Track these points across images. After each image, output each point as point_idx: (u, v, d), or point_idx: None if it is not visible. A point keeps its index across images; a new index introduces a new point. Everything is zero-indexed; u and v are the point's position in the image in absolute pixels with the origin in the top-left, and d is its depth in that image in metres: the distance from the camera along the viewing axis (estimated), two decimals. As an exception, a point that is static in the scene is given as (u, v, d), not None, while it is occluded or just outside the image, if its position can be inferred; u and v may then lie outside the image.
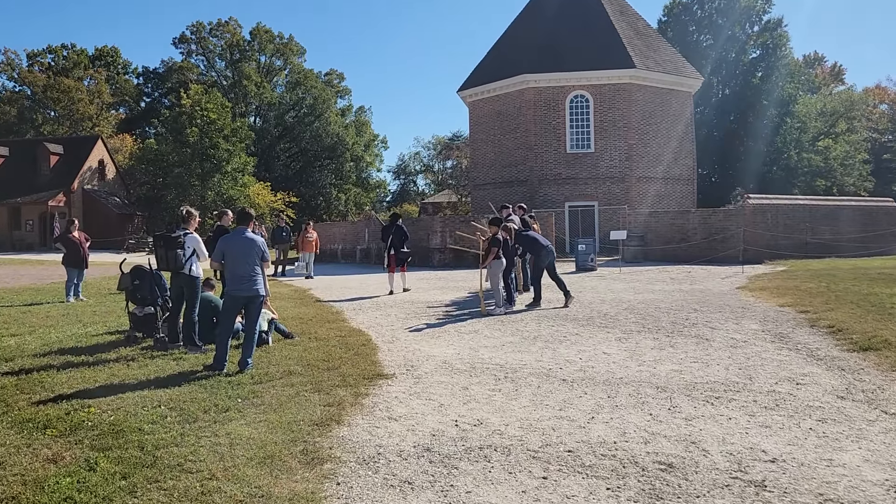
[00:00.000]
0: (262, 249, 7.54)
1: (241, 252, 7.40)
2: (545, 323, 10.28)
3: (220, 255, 7.49)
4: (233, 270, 7.41)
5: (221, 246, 7.49)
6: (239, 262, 7.39)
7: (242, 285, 7.36)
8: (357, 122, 72.59)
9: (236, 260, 7.40)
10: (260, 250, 7.52)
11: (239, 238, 7.49)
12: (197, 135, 48.63)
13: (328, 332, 9.61)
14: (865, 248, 24.78)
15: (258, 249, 7.50)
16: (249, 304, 7.49)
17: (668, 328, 9.52)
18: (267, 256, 7.66)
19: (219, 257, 7.50)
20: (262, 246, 7.57)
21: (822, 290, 13.55)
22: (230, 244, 7.47)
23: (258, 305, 7.54)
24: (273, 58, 71.35)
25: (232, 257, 7.42)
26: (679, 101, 31.81)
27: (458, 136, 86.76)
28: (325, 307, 12.92)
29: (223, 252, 7.46)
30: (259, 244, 7.52)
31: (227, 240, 7.58)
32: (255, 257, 7.47)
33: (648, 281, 17.02)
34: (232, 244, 7.46)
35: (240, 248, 7.42)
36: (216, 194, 47.96)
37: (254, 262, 7.44)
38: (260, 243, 7.54)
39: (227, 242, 7.51)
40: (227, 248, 7.46)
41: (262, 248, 7.56)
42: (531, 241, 12.42)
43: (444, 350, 8.41)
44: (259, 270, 7.53)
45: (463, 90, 33.20)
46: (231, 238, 7.57)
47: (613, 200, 29.85)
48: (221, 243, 7.52)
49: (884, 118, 77.21)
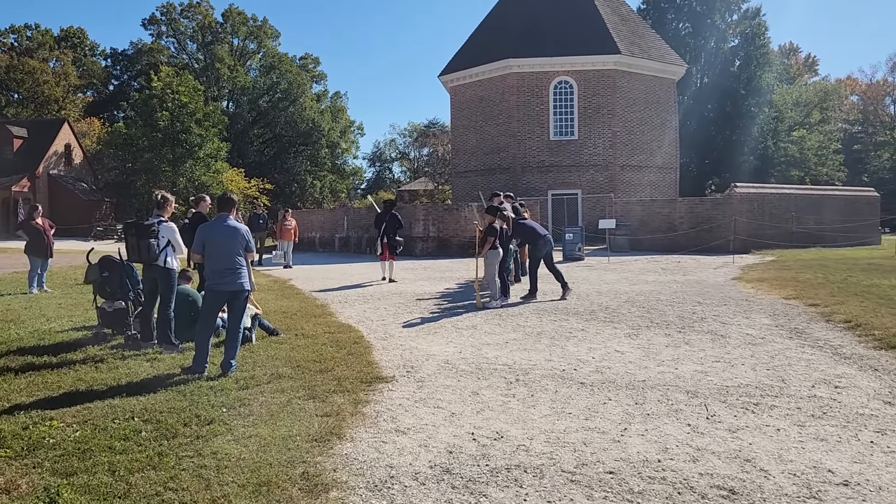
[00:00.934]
0: (246, 239, 6.84)
1: (224, 242, 6.69)
2: (546, 317, 9.70)
3: (200, 246, 6.76)
4: (215, 263, 6.69)
5: (202, 235, 6.76)
6: (222, 253, 6.68)
7: (225, 279, 6.66)
8: (333, 108, 71.22)
9: (219, 251, 6.68)
10: (244, 240, 6.81)
11: (221, 226, 6.77)
12: (168, 119, 47.17)
13: (316, 328, 8.92)
14: (848, 237, 24.66)
15: (242, 239, 6.79)
16: (233, 299, 6.78)
17: (677, 323, 9.00)
18: (252, 247, 6.96)
19: (199, 248, 6.77)
20: (247, 235, 6.87)
21: (821, 281, 13.18)
22: (212, 233, 6.74)
23: (243, 301, 6.84)
24: (246, 41, 69.69)
25: (214, 248, 6.70)
26: (663, 88, 31.44)
27: (434, 124, 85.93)
28: (308, 299, 12.21)
29: (203, 242, 6.74)
30: (244, 233, 6.82)
31: (207, 228, 6.85)
32: (240, 247, 6.76)
33: (640, 271, 16.56)
34: (214, 233, 6.74)
35: (222, 237, 6.70)
36: (188, 180, 46.61)
37: (238, 253, 6.74)
38: (244, 232, 6.84)
39: (208, 231, 6.79)
40: (208, 237, 6.73)
41: (247, 237, 6.86)
42: (529, 230, 11.82)
43: (443, 348, 7.79)
44: (244, 262, 6.83)
45: (444, 75, 32.47)
46: (212, 226, 6.84)
47: (597, 189, 29.44)
48: (202, 232, 6.79)
49: (854, 109, 78.01)
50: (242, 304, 6.82)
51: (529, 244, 12.02)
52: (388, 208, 15.79)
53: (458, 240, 23.94)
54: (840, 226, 24.64)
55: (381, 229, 15.31)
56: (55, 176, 47.85)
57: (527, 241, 12.08)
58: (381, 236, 15.27)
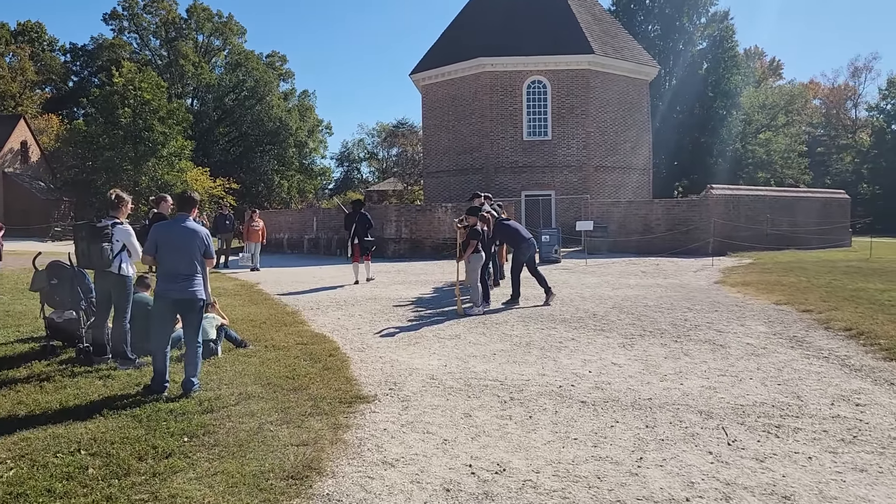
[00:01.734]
0: (205, 243, 6.18)
1: (180, 244, 6.03)
2: (533, 325, 9.18)
3: (152, 247, 6.08)
4: (167, 266, 6.03)
5: (155, 235, 6.09)
6: (175, 256, 6.01)
7: (176, 286, 5.99)
8: (300, 107, 70.20)
9: (172, 254, 6.02)
10: (203, 244, 6.15)
11: (177, 227, 6.10)
12: (130, 116, 45.84)
13: (287, 339, 8.27)
14: (820, 239, 24.67)
15: (200, 243, 6.13)
16: (186, 310, 6.11)
17: (671, 331, 8.54)
18: (211, 252, 6.30)
19: (151, 249, 6.09)
20: (206, 239, 6.21)
21: (806, 285, 12.90)
22: (166, 234, 6.08)
23: (198, 312, 6.16)
24: (211, 37, 68.34)
25: (167, 250, 6.03)
26: (636, 89, 31.24)
27: (403, 123, 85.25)
28: (278, 305, 11.53)
29: (157, 243, 6.07)
30: (202, 236, 6.15)
31: (162, 229, 6.16)
32: (196, 252, 6.10)
33: (620, 274, 16.18)
34: (168, 234, 6.08)
35: (178, 239, 6.04)
36: (150, 179, 45.32)
37: (194, 259, 6.08)
38: (203, 236, 6.17)
39: (162, 231, 6.11)
40: (161, 238, 6.06)
41: (206, 241, 6.20)
42: (512, 232, 11.29)
43: (426, 361, 7.21)
44: (200, 269, 6.17)
45: (416, 73, 31.85)
46: (168, 227, 6.18)
47: (570, 190, 29.10)
48: (156, 232, 6.11)
49: (817, 113, 79.33)
50: (197, 317, 6.15)
51: (512, 247, 11.49)
52: (357, 209, 15.34)
53: (431, 241, 23.38)
54: (813, 228, 24.64)
55: (351, 231, 14.90)
56: (10, 174, 46.12)
57: (510, 243, 11.54)
58: (351, 238, 14.86)
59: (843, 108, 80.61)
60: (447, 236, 23.59)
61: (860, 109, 78.70)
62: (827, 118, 77.42)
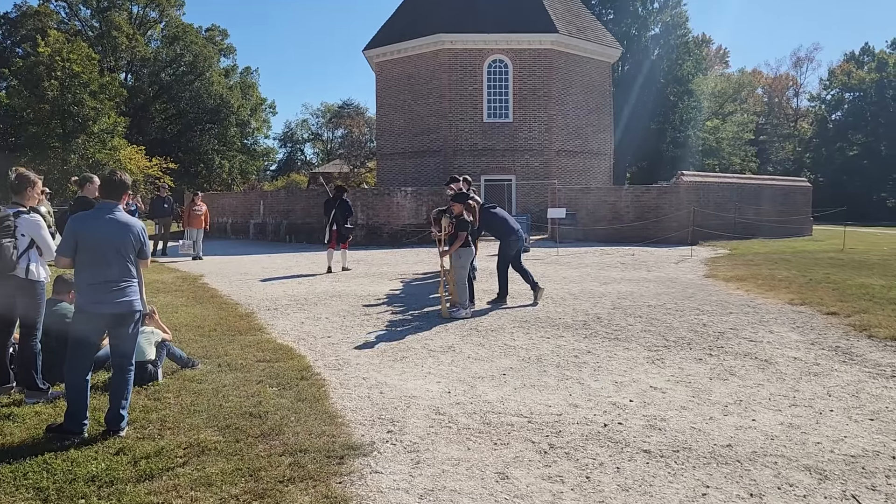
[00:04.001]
0: (140, 240, 4.68)
1: (107, 242, 4.52)
2: (535, 332, 7.89)
3: (70, 247, 4.53)
4: (90, 272, 4.52)
5: (74, 230, 4.54)
6: (101, 258, 4.51)
7: (105, 296, 4.49)
8: (243, 84, 66.93)
9: (97, 255, 4.51)
10: (138, 241, 4.66)
11: (103, 220, 4.57)
12: (57, 89, 42.48)
13: (244, 353, 6.76)
14: (784, 228, 24.25)
15: (136, 239, 4.64)
16: (117, 326, 4.61)
17: (698, 341, 7.38)
18: (147, 251, 4.80)
19: (68, 249, 4.54)
20: (142, 234, 4.70)
21: (805, 280, 12.02)
22: (88, 228, 4.54)
23: (133, 327, 4.66)
24: (147, 9, 64.33)
25: (90, 250, 4.51)
26: (599, 71, 30.27)
27: (349, 104, 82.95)
28: (228, 305, 9.94)
29: (76, 240, 4.52)
30: (137, 231, 4.65)
31: (83, 221, 4.61)
32: (129, 252, 4.61)
33: (598, 266, 15.08)
34: (91, 229, 4.54)
35: (104, 235, 4.53)
36: (80, 158, 42.20)
37: (126, 260, 4.58)
38: (139, 230, 4.67)
39: (83, 225, 4.57)
40: (82, 233, 4.53)
41: (141, 236, 4.70)
42: (500, 221, 9.96)
43: (423, 385, 5.83)
44: (134, 273, 4.66)
45: (370, 49, 30.08)
46: (91, 219, 4.62)
47: (532, 175, 27.96)
48: (73, 227, 4.56)
49: (759, 101, 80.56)
50: (131, 334, 4.66)
51: (499, 238, 10.16)
52: (339, 194, 14.69)
53: (389, 228, 21.90)
54: (777, 217, 24.18)
55: (330, 216, 14.40)
56: (-78, 150, 42.31)
57: (496, 234, 10.21)
58: (330, 223, 14.37)
59: (785, 98, 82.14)
60: (406, 223, 22.17)
61: (801, 99, 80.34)
62: (769, 107, 78.65)
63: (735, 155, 62.82)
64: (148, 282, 12.47)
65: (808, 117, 76.79)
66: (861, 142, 63.68)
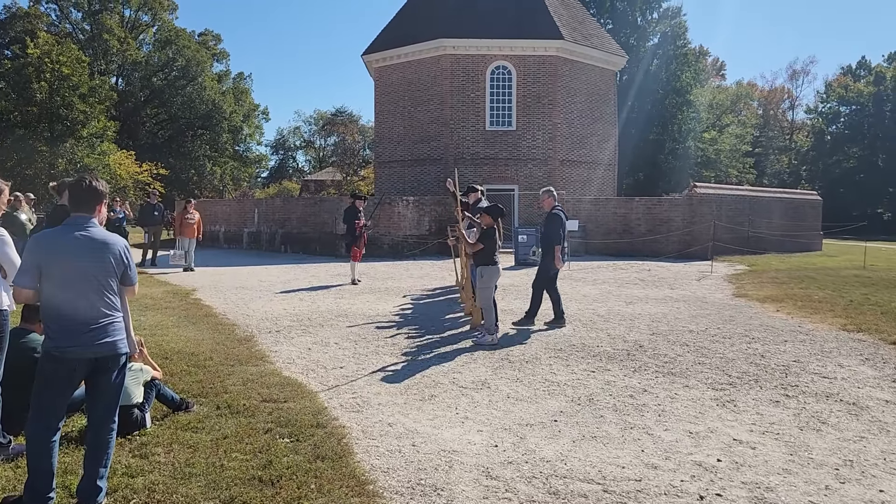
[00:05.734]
0: (124, 262, 3.71)
1: (79, 268, 3.54)
2: (575, 364, 6.96)
3: (30, 275, 3.55)
4: (59, 307, 3.54)
5: (35, 252, 3.56)
6: (72, 288, 3.53)
7: (80, 337, 3.52)
8: (236, 90, 65.90)
9: (67, 285, 3.53)
10: (120, 263, 3.69)
11: (71, 239, 3.57)
12: (46, 92, 41.44)
13: (247, 391, 5.80)
14: (795, 242, 23.54)
15: (116, 262, 3.66)
16: (98, 374, 3.63)
17: (765, 377, 6.47)
18: (133, 276, 3.81)
19: (29, 279, 3.55)
20: (124, 254, 3.72)
21: (845, 302, 11.22)
22: (53, 251, 3.55)
23: (118, 375, 3.69)
24: (139, 12, 63.33)
25: (58, 279, 3.53)
26: (605, 79, 29.52)
27: (342, 112, 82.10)
28: (224, 326, 8.96)
29: (38, 265, 3.54)
30: (118, 251, 3.67)
31: (46, 242, 3.61)
32: (109, 278, 3.63)
33: (616, 282, 14.20)
34: (58, 251, 3.55)
35: (75, 259, 3.54)
36: (68, 162, 41.05)
37: (105, 290, 3.61)
38: (120, 249, 3.68)
39: (46, 247, 3.57)
40: (46, 258, 3.54)
41: (124, 258, 3.71)
42: (557, 230, 8.95)
43: (462, 434, 4.90)
44: (116, 304, 3.69)
45: (369, 54, 29.19)
46: (56, 239, 3.61)
47: (535, 184, 27.02)
48: (35, 248, 3.58)
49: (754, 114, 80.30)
50: (114, 383, 3.68)
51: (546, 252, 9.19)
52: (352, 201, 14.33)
53: (389, 239, 20.99)
54: (788, 231, 23.44)
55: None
56: None
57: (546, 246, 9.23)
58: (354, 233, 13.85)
59: (781, 110, 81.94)
60: (408, 233, 21.26)
61: (798, 112, 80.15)
62: (765, 119, 78.36)
63: (732, 167, 62.36)
64: (137, 297, 11.47)
65: (804, 130, 76.58)
66: (858, 155, 63.39)
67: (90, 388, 3.67)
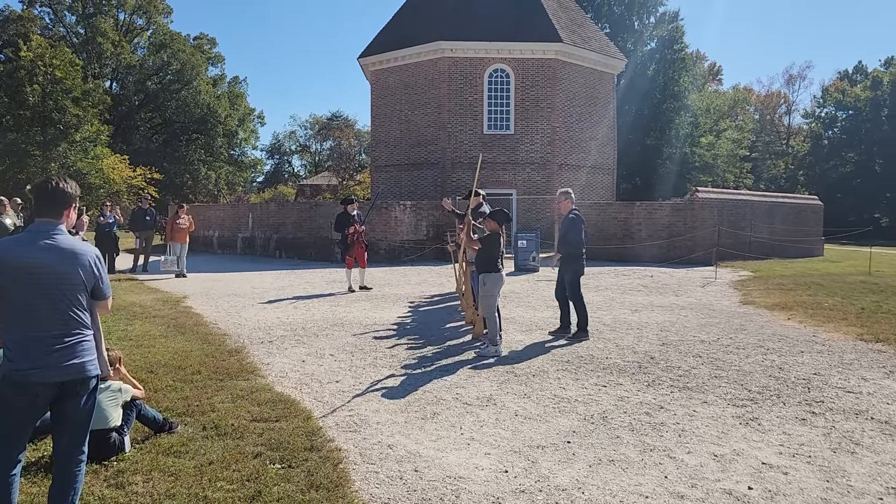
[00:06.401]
0: (95, 274, 3.31)
1: (42, 281, 3.15)
2: (584, 377, 6.59)
3: None
4: (20, 324, 3.15)
5: None
6: (37, 302, 3.14)
7: (43, 358, 3.13)
8: (231, 94, 65.43)
9: (29, 300, 3.14)
10: (91, 276, 3.29)
11: (35, 248, 3.18)
12: (38, 95, 41.01)
13: (236, 408, 5.41)
14: (797, 248, 23.22)
15: (86, 274, 3.27)
16: (65, 400, 3.23)
17: (785, 391, 6.11)
18: (106, 290, 3.40)
19: None
20: (95, 266, 3.32)
21: (855, 309, 10.90)
22: (13, 262, 3.14)
23: (87, 400, 3.29)
24: (134, 15, 62.89)
25: (18, 293, 3.14)
26: (603, 82, 29.21)
27: (338, 116, 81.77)
28: (213, 336, 8.56)
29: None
30: (88, 262, 3.27)
31: (6, 250, 3.18)
32: (77, 292, 3.24)
33: (619, 289, 13.84)
34: (18, 262, 3.14)
35: (38, 270, 3.15)
36: (61, 167, 40.57)
37: (73, 305, 3.22)
38: (90, 261, 3.29)
39: (6, 256, 3.16)
40: (5, 268, 3.14)
41: (96, 269, 3.32)
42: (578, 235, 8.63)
43: (469, 458, 4.51)
44: (86, 321, 3.29)
45: (365, 57, 28.86)
46: (17, 248, 3.20)
47: (533, 189, 26.78)
48: None
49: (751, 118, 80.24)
50: (83, 409, 3.28)
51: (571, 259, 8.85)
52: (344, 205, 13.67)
53: (386, 244, 20.60)
54: (790, 236, 23.14)
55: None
56: None
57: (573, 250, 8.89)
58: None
59: (777, 115, 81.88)
60: (405, 238, 20.89)
61: (794, 116, 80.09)
62: (761, 124, 78.26)
63: (730, 171, 62.15)
64: (124, 305, 11.07)
65: (801, 135, 76.49)
66: (855, 160, 63.28)
67: (55, 416, 3.26)
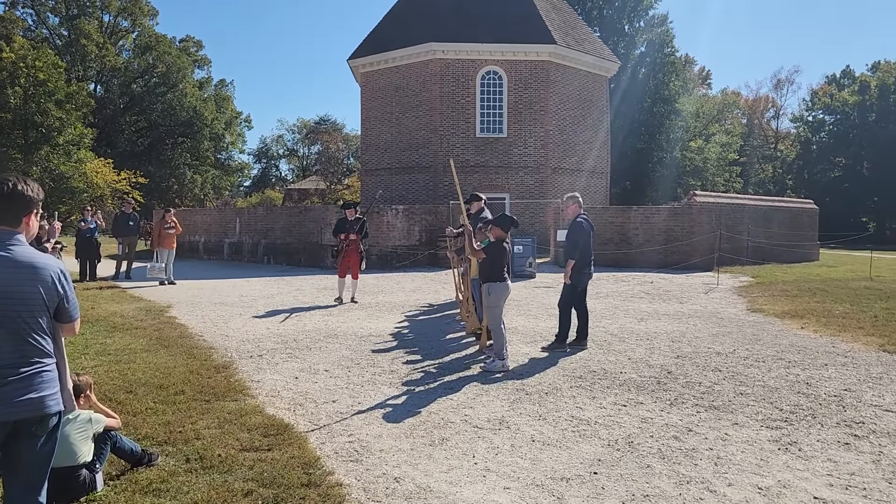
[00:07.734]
0: (58, 292, 2.81)
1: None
2: (600, 394, 6.11)
3: None
4: None
5: None
6: None
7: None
8: (217, 97, 64.75)
9: None
10: (53, 294, 2.79)
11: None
12: (21, 97, 40.25)
13: (223, 434, 4.89)
14: (793, 252, 22.91)
15: (47, 293, 2.77)
16: (17, 441, 2.71)
17: (819, 410, 5.66)
18: (72, 311, 2.90)
19: None
20: (59, 282, 2.82)
21: (867, 316, 10.56)
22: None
23: (45, 442, 2.78)
24: (119, 17, 62.11)
25: None
26: (597, 85, 28.84)
27: (326, 120, 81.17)
28: (199, 350, 8.01)
29: None
30: (49, 278, 2.78)
31: None
32: (36, 313, 2.74)
33: (620, 296, 13.40)
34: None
35: None
36: (43, 170, 39.84)
37: (30, 330, 2.72)
38: (53, 276, 2.79)
39: None
40: None
41: (59, 286, 2.82)
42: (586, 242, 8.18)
43: (486, 493, 4.01)
44: (47, 348, 2.78)
45: (355, 59, 28.33)
46: None
47: (526, 193, 26.36)
48: None
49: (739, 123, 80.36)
50: (40, 452, 2.77)
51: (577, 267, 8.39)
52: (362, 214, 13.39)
53: (378, 250, 20.07)
54: (786, 240, 22.83)
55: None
56: None
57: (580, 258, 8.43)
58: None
59: (765, 119, 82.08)
60: (397, 244, 20.38)
61: (782, 121, 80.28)
62: (749, 128, 78.39)
63: (719, 175, 62.09)
64: (105, 315, 10.48)
65: (789, 139, 76.70)
66: (843, 164, 63.41)
67: (5, 459, 2.73)
